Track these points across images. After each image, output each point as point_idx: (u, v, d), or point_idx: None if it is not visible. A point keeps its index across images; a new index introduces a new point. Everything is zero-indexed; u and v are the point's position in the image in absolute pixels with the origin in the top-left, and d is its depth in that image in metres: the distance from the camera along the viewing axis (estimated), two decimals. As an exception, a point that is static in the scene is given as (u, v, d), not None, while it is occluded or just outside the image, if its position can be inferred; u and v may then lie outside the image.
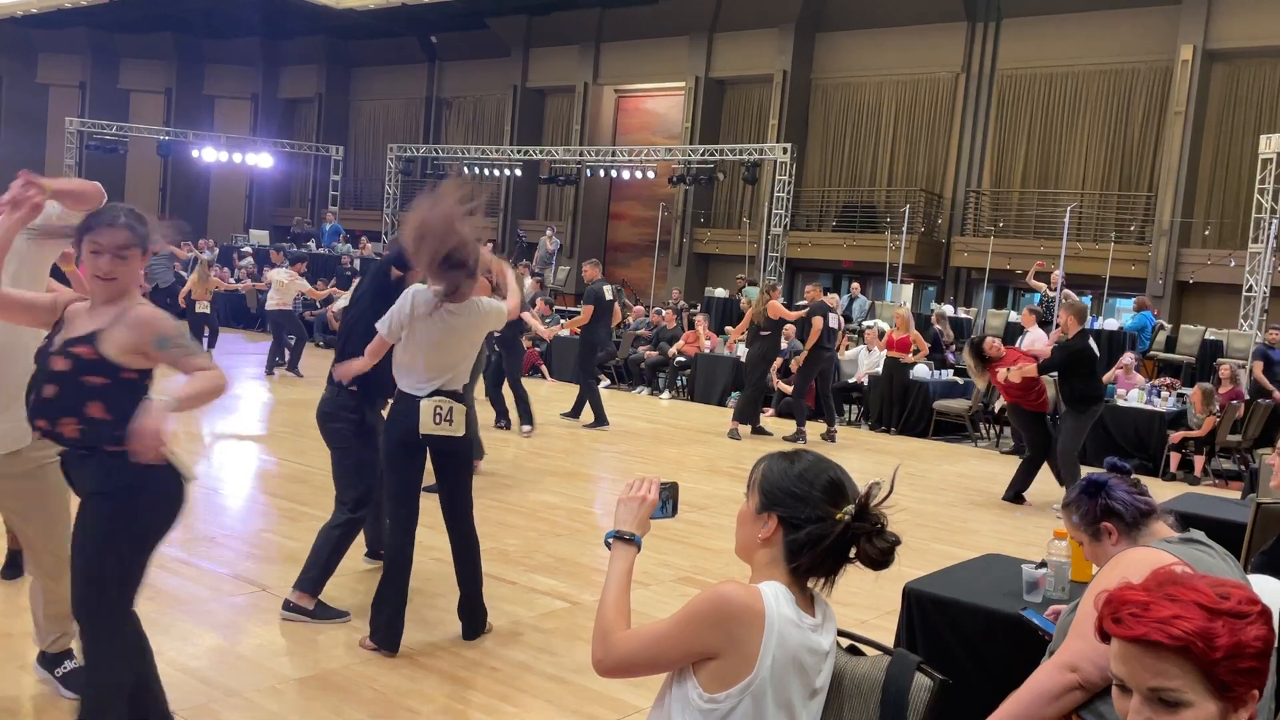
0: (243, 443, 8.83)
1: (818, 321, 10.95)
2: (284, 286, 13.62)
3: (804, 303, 12.06)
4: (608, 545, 2.08)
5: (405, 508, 4.24)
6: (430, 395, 4.17)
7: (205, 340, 13.82)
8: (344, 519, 4.51)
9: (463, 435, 4.24)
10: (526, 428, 9.96)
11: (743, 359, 11.27)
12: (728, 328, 16.42)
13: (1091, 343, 8.09)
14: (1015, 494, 8.49)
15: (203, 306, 14.01)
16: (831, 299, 12.03)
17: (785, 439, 10.74)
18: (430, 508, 4.39)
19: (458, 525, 4.39)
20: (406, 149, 25.74)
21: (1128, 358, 12.60)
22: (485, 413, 9.42)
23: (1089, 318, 11.74)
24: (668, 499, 2.14)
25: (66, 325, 2.85)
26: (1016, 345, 11.53)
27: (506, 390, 10.02)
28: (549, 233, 21.51)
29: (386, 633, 4.14)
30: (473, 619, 4.43)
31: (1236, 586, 1.38)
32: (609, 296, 11.23)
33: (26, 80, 30.19)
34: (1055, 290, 14.87)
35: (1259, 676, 1.33)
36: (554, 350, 15.19)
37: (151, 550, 2.92)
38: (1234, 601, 1.33)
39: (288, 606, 4.46)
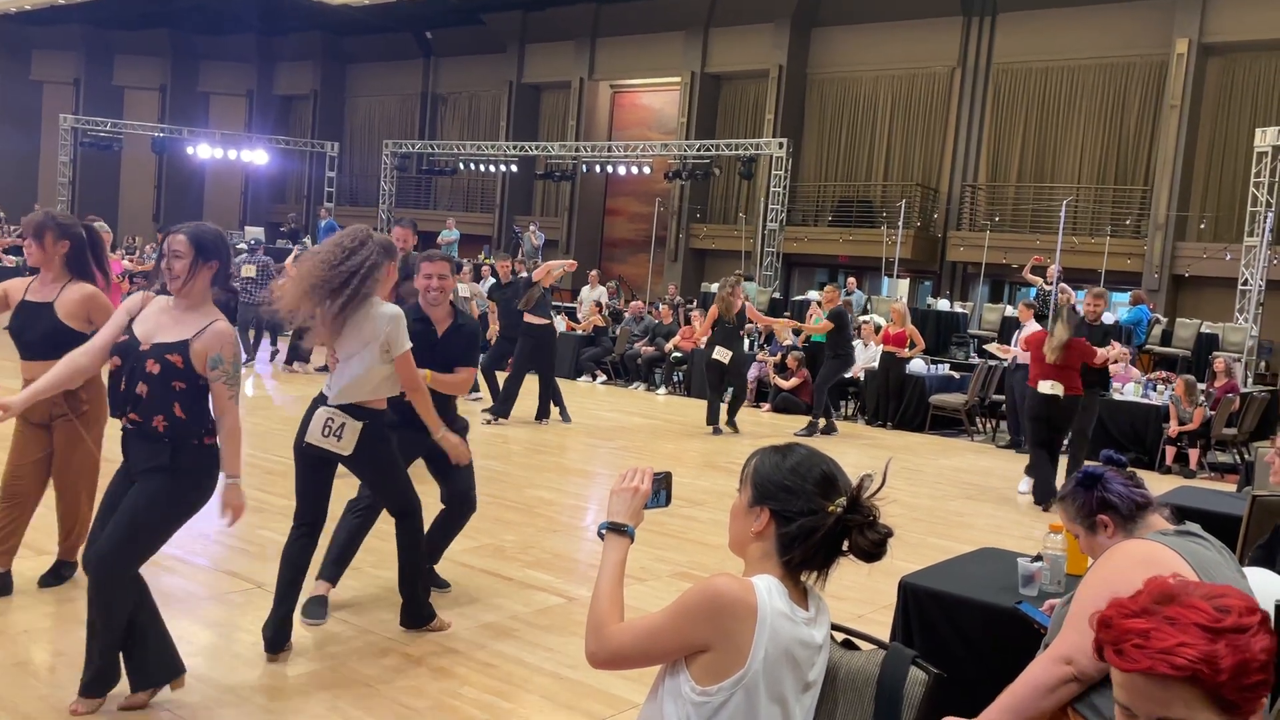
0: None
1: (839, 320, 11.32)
2: None
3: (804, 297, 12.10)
4: (600, 536, 2.08)
5: (300, 508, 4.08)
6: (330, 403, 3.94)
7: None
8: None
9: (349, 454, 3.94)
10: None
11: (718, 357, 10.61)
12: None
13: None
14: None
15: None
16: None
17: (797, 434, 10.88)
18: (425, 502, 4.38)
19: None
20: (402, 145, 25.70)
21: (1124, 352, 12.61)
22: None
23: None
24: (661, 489, 2.13)
25: (145, 323, 3.26)
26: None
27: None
28: (533, 227, 21.46)
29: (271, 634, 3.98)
30: (405, 606, 4.30)
31: (1235, 596, 1.34)
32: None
33: (20, 77, 30.10)
34: (1052, 284, 14.87)
35: (1265, 687, 1.30)
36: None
37: (180, 523, 3.44)
38: (1235, 615, 1.30)
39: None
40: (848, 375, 13.16)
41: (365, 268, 3.87)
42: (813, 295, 15.29)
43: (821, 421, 11.40)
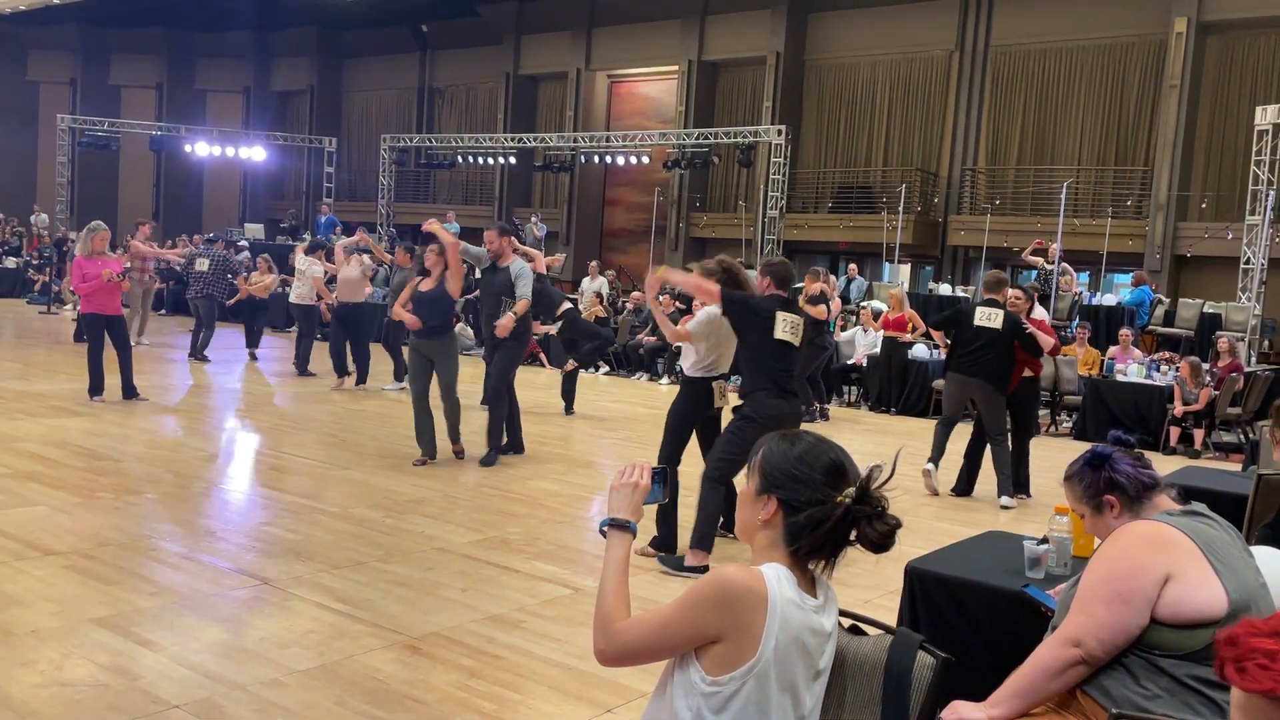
0: (243, 436, 8.82)
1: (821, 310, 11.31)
2: (302, 276, 12.62)
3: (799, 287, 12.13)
4: (603, 533, 2.07)
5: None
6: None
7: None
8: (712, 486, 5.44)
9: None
10: None
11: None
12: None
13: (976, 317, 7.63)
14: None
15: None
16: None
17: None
18: (453, 504, 4.38)
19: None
20: (400, 139, 25.65)
21: (1126, 333, 12.61)
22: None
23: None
24: (659, 483, 2.13)
25: None
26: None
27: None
28: (534, 219, 21.42)
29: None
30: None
31: None
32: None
33: (16, 77, 30.06)
34: (1053, 264, 14.84)
35: None
36: (552, 340, 15.13)
37: None
38: None
39: (684, 568, 5.33)
40: (851, 361, 13.16)
41: None
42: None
43: (815, 406, 11.40)
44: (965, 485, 7.82)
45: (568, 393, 10.98)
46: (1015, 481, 7.81)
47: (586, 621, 4.39)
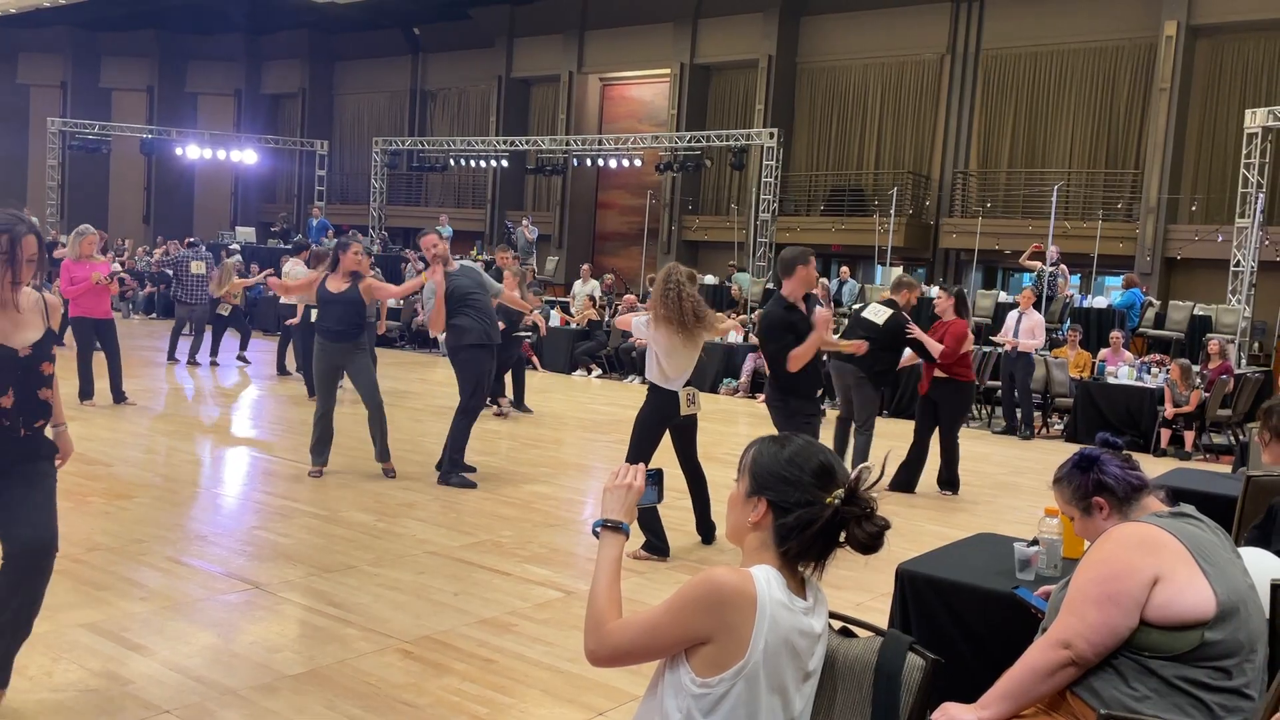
0: (234, 440, 8.80)
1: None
2: (288, 278, 12.17)
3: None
4: (595, 534, 2.08)
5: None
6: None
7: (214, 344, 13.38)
8: None
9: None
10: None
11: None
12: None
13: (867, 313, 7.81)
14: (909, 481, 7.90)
15: (223, 309, 13.31)
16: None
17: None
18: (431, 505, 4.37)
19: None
20: (391, 142, 25.63)
21: (1117, 335, 12.65)
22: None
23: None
24: (654, 484, 2.14)
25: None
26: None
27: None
28: (525, 222, 21.38)
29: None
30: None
31: None
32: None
33: (7, 80, 29.95)
34: (1051, 265, 14.87)
35: None
36: (545, 341, 15.13)
37: None
38: None
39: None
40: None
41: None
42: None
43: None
44: (905, 479, 7.82)
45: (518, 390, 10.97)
46: (948, 479, 7.85)
47: (578, 625, 4.38)
